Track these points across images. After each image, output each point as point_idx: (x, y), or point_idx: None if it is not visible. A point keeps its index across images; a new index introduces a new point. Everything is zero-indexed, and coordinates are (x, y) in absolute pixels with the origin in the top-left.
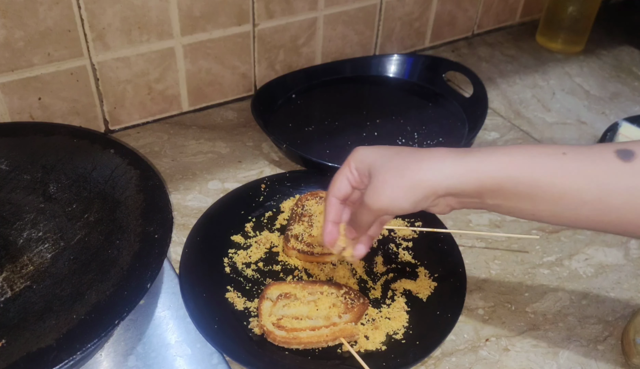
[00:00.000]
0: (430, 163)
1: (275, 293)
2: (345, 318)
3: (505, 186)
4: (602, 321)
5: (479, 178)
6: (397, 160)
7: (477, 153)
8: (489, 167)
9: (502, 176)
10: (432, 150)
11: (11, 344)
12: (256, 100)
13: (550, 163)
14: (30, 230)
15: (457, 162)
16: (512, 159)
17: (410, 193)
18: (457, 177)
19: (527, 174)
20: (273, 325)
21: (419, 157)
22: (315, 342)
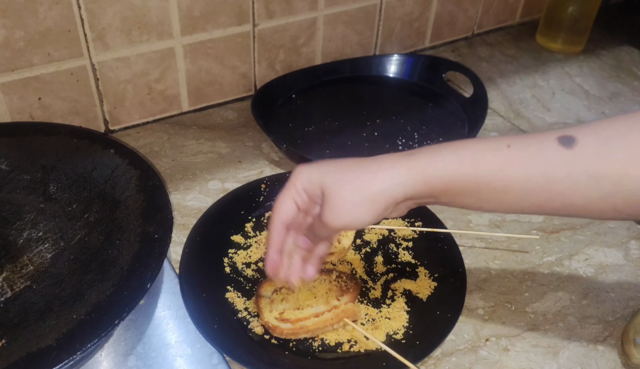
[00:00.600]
0: (384, 173)
1: (269, 289)
2: (343, 300)
3: (453, 186)
4: (602, 321)
5: (429, 182)
6: (349, 175)
7: (424, 154)
8: (436, 169)
9: (449, 176)
10: (380, 158)
11: (11, 344)
12: (256, 100)
13: (493, 158)
14: (30, 230)
15: (407, 167)
16: (457, 158)
17: (371, 207)
18: (411, 183)
19: (471, 172)
20: (277, 320)
21: (371, 168)
22: (322, 328)
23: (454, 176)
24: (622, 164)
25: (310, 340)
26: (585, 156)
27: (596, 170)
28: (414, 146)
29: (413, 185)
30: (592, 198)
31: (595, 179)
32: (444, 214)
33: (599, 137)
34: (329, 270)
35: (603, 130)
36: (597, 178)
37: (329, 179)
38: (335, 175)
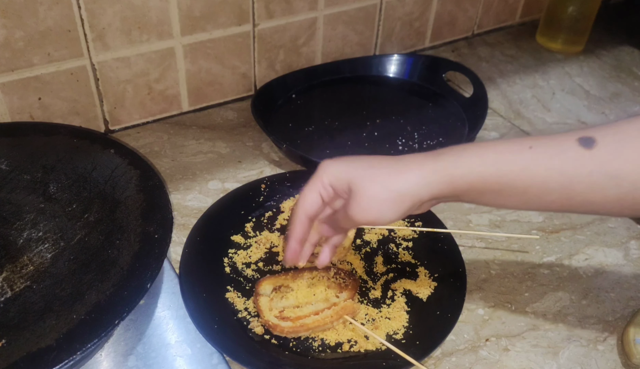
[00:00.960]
0: (412, 173)
1: (268, 288)
2: (343, 296)
3: (476, 186)
4: (602, 321)
5: (453, 182)
6: (378, 172)
7: (449, 155)
8: (461, 170)
9: (472, 177)
10: (406, 158)
11: (11, 344)
12: (256, 100)
13: (516, 159)
14: (30, 230)
15: (434, 168)
16: (481, 159)
17: (398, 205)
18: (436, 183)
19: (494, 172)
20: (277, 318)
21: (399, 168)
22: (322, 325)
23: (478, 177)
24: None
25: (310, 340)
26: (604, 156)
27: (615, 170)
28: (414, 146)
29: (438, 185)
30: (611, 197)
31: (614, 179)
32: (444, 214)
33: (618, 137)
34: (327, 267)
35: (622, 131)
36: (616, 177)
37: (357, 175)
38: (364, 172)
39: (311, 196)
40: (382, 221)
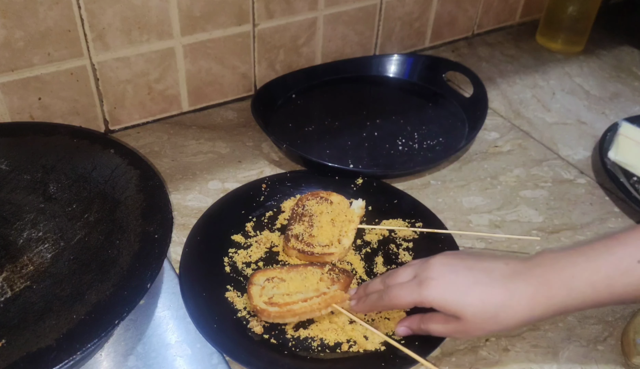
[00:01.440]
0: (523, 311)
1: (261, 279)
2: (333, 289)
3: (588, 307)
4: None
5: (565, 310)
6: (487, 306)
7: (560, 281)
8: (574, 301)
9: (585, 304)
10: (512, 291)
11: (11, 344)
12: (256, 100)
13: (627, 281)
14: (30, 230)
15: (546, 305)
16: (593, 288)
17: (502, 331)
18: (543, 314)
19: (607, 297)
20: (265, 304)
21: (508, 302)
22: (309, 311)
23: (592, 302)
24: None
25: (310, 340)
26: None
27: None
28: (414, 146)
29: (548, 316)
30: None
31: None
32: (444, 214)
33: None
34: (322, 264)
35: None
36: None
37: (469, 311)
38: (475, 309)
39: (407, 302)
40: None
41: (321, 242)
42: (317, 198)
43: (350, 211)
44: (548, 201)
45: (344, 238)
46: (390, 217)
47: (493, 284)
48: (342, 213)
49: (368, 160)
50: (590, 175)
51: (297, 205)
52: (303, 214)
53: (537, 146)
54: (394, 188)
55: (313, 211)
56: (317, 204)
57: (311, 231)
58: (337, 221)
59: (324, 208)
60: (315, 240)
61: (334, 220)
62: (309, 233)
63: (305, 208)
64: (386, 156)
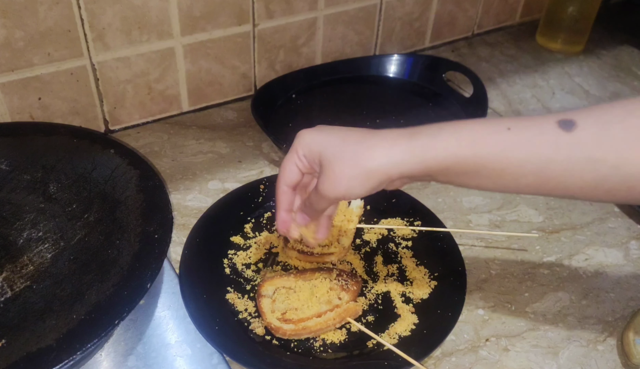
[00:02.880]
0: (382, 151)
1: (270, 289)
2: (345, 298)
3: (452, 167)
4: (602, 321)
5: (427, 162)
6: (347, 148)
7: (424, 135)
8: (436, 150)
9: (447, 158)
10: (380, 134)
11: (11, 344)
12: (256, 100)
13: (493, 141)
14: (30, 230)
15: (406, 147)
16: (457, 141)
17: (366, 181)
18: (407, 163)
19: (470, 154)
20: (279, 321)
21: (369, 144)
22: (325, 328)
23: (453, 158)
24: (619, 148)
25: (312, 340)
26: (584, 140)
27: (594, 153)
28: None
29: (409, 165)
30: (588, 181)
31: (593, 163)
32: (444, 214)
33: (598, 121)
34: (329, 269)
35: (602, 115)
36: (595, 161)
37: (328, 152)
38: (334, 148)
39: (289, 167)
40: (351, 196)
41: (320, 242)
42: None
43: (349, 211)
44: (548, 201)
45: (343, 238)
46: (389, 216)
47: (360, 130)
48: (341, 213)
49: None
50: None
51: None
52: None
53: None
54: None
55: None
56: None
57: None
58: (336, 221)
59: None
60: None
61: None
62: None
63: None
64: None
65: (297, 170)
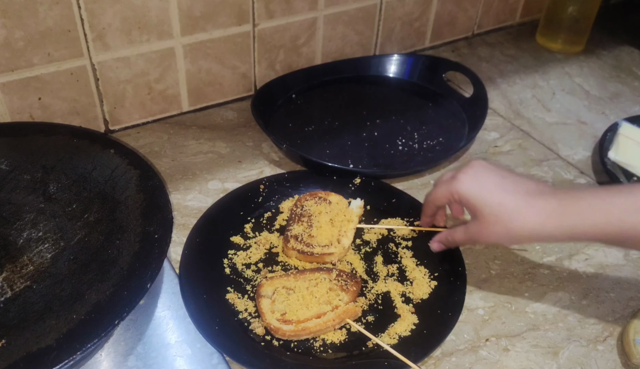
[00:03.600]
0: (533, 224)
1: (269, 289)
2: (344, 299)
3: (598, 238)
4: (602, 321)
5: (573, 235)
6: (503, 212)
7: (574, 212)
8: (584, 227)
9: (594, 233)
10: (532, 204)
11: (11, 344)
12: (256, 100)
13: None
14: (30, 230)
15: (557, 224)
16: (606, 218)
17: (512, 241)
18: (553, 237)
19: (617, 230)
20: (279, 321)
21: (523, 215)
22: (324, 329)
23: (601, 233)
24: None
25: (312, 340)
26: None
27: None
28: (414, 146)
29: (555, 236)
30: None
31: None
32: None
33: None
34: (329, 269)
35: None
36: None
37: (484, 211)
38: (490, 209)
39: (441, 196)
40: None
41: (320, 242)
42: (315, 199)
43: (349, 210)
44: None
45: (343, 238)
46: (389, 216)
47: (515, 193)
48: (341, 213)
49: (368, 160)
50: (590, 175)
51: (296, 205)
52: (302, 214)
53: (537, 146)
54: (392, 188)
55: (312, 212)
56: (315, 204)
57: (310, 231)
58: (336, 221)
59: (323, 208)
60: (315, 240)
61: (333, 220)
62: (308, 234)
63: (304, 208)
64: (386, 156)
65: (446, 202)
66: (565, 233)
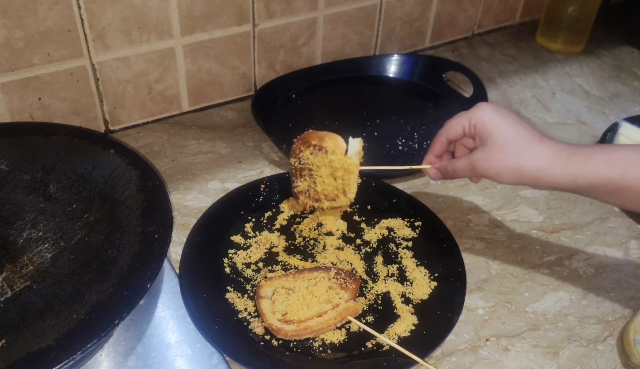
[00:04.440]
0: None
1: (269, 290)
2: (344, 297)
3: (599, 186)
4: (602, 321)
5: (577, 179)
6: (517, 142)
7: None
8: (587, 170)
9: (598, 178)
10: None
11: (11, 344)
12: (256, 100)
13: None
14: (30, 230)
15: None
16: (609, 163)
17: (517, 176)
18: (559, 176)
19: (619, 177)
20: (280, 322)
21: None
22: (326, 328)
23: (602, 179)
24: None
25: (311, 340)
26: None
27: None
28: (414, 146)
29: (560, 177)
30: None
31: None
32: (444, 214)
33: None
34: (327, 268)
35: None
36: None
37: (498, 136)
38: (505, 137)
39: (456, 126)
40: (497, 180)
41: (327, 196)
42: (310, 148)
43: (347, 159)
44: (548, 201)
45: (348, 191)
46: (389, 216)
47: (532, 131)
48: (340, 166)
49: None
50: None
51: (293, 157)
52: (302, 169)
53: None
54: (393, 188)
55: (311, 164)
56: (312, 155)
57: (315, 187)
58: (337, 176)
59: (321, 160)
60: (321, 195)
61: (334, 173)
62: (314, 189)
63: (301, 161)
64: (386, 156)
65: (462, 131)
66: (568, 177)
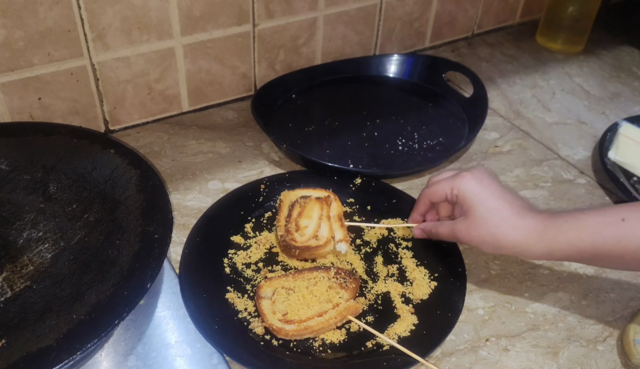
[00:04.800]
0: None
1: (268, 290)
2: (344, 296)
3: (574, 256)
4: (602, 321)
5: (553, 253)
6: (494, 219)
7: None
8: (560, 243)
9: (571, 250)
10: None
11: (11, 344)
12: (256, 100)
13: (609, 233)
14: (30, 230)
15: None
16: (579, 234)
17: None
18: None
19: (590, 246)
20: (281, 322)
21: (512, 225)
22: (326, 327)
23: (575, 250)
24: None
25: (311, 340)
26: None
27: None
28: (414, 146)
29: (537, 253)
30: None
31: None
32: None
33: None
34: (327, 267)
35: None
36: None
37: (481, 208)
38: (485, 211)
39: (439, 191)
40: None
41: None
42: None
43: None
44: (548, 201)
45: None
46: (389, 217)
47: (512, 204)
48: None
49: (368, 160)
50: (590, 175)
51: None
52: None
53: (537, 146)
54: (392, 188)
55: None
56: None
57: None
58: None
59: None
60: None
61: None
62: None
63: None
64: (386, 156)
65: (444, 197)
66: (544, 251)
